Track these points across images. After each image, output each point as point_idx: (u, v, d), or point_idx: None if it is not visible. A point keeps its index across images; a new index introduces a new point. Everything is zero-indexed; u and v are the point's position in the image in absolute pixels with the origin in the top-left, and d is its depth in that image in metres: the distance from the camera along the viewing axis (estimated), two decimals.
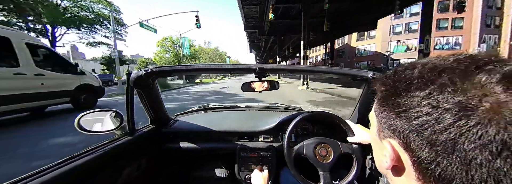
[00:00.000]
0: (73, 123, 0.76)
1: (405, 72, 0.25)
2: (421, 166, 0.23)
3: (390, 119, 0.26)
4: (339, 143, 0.91)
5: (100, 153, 0.75)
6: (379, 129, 0.29)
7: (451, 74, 0.21)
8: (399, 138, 0.25)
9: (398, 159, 0.26)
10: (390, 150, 0.26)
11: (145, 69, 0.85)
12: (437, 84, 0.21)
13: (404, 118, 0.23)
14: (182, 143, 1.14)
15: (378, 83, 0.29)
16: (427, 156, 0.21)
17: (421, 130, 0.21)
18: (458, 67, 0.21)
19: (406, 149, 0.24)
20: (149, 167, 1.08)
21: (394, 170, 0.28)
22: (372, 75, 0.87)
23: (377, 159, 0.33)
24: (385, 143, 0.27)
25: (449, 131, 0.19)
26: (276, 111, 1.54)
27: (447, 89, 0.20)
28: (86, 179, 0.70)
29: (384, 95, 0.27)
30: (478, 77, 0.19)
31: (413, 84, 0.23)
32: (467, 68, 0.21)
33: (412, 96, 0.23)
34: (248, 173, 1.07)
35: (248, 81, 1.00)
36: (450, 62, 0.22)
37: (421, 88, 0.22)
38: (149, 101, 1.03)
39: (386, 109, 0.26)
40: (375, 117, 0.31)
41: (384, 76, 0.29)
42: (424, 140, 0.21)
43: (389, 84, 0.27)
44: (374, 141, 0.33)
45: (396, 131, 0.25)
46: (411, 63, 0.27)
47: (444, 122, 0.19)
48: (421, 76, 0.23)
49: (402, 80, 0.25)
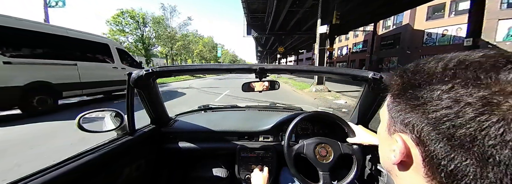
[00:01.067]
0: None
1: (429, 65, 0.25)
2: (432, 161, 0.22)
3: (405, 112, 0.25)
4: (339, 143, 0.91)
5: (101, 153, 0.76)
6: (389, 124, 0.29)
7: (477, 69, 0.20)
8: (411, 133, 0.24)
9: (408, 154, 0.25)
10: (401, 144, 0.26)
11: (145, 70, 0.86)
12: (461, 78, 0.21)
13: (420, 111, 0.23)
14: (182, 143, 1.15)
15: (395, 76, 0.29)
16: (442, 150, 0.21)
17: (438, 123, 0.21)
18: (486, 62, 0.21)
19: (419, 143, 0.24)
20: (149, 167, 1.08)
21: (401, 165, 0.27)
22: (372, 75, 0.87)
23: (383, 155, 0.32)
24: (395, 137, 0.27)
25: (469, 126, 0.18)
26: (276, 111, 1.54)
27: (472, 83, 0.20)
28: (86, 179, 0.70)
29: (401, 88, 0.27)
30: (505, 74, 0.19)
31: (436, 77, 0.23)
32: (494, 64, 0.20)
33: (432, 89, 0.22)
34: (248, 173, 1.07)
35: (248, 81, 1.00)
36: (478, 57, 0.22)
37: (443, 81, 0.22)
38: (150, 101, 1.04)
39: (402, 102, 0.26)
40: (386, 111, 0.30)
41: (402, 69, 0.28)
42: (441, 134, 0.21)
43: (408, 77, 0.26)
44: (381, 137, 0.33)
45: (410, 124, 0.24)
46: (436, 56, 0.26)
47: (464, 116, 0.19)
48: (445, 70, 0.22)
49: (424, 73, 0.24)
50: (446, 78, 0.22)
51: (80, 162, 0.68)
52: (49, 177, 0.59)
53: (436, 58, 0.25)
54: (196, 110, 1.57)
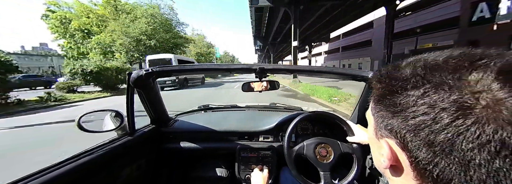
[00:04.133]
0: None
1: (401, 70, 0.25)
2: (419, 166, 0.22)
3: (387, 119, 0.25)
4: (339, 143, 0.91)
5: (101, 153, 0.76)
6: (375, 128, 0.29)
7: (443, 72, 0.20)
8: (396, 138, 0.24)
9: (396, 159, 0.25)
10: (388, 150, 0.25)
11: (145, 70, 0.86)
12: (431, 83, 0.21)
13: (400, 118, 0.23)
14: (182, 143, 1.15)
15: (375, 81, 0.28)
16: (425, 156, 0.21)
17: (418, 130, 0.21)
18: (451, 64, 0.21)
19: (404, 149, 0.24)
20: (149, 167, 1.08)
21: (392, 169, 0.27)
22: (373, 75, 0.87)
23: (375, 159, 0.32)
24: (382, 142, 0.27)
25: (446, 131, 0.19)
26: (276, 110, 1.54)
27: (442, 87, 0.20)
28: (86, 179, 0.70)
29: (380, 93, 0.26)
30: (473, 74, 0.19)
31: (409, 82, 0.22)
32: (460, 65, 0.20)
33: (408, 95, 0.22)
34: (248, 173, 1.07)
35: (248, 81, 1.00)
36: (442, 60, 0.22)
37: (416, 87, 0.22)
38: (149, 101, 1.04)
39: (383, 108, 0.26)
40: (371, 116, 0.30)
41: (380, 74, 0.28)
42: (422, 141, 0.21)
43: (385, 82, 0.26)
44: (371, 140, 0.32)
45: (393, 130, 0.24)
46: (408, 59, 0.26)
47: (441, 121, 0.19)
48: (415, 75, 0.22)
49: (398, 78, 0.24)
50: (418, 83, 0.22)
51: (80, 162, 0.68)
52: (49, 177, 0.59)
53: (407, 62, 0.25)
54: (196, 110, 1.57)
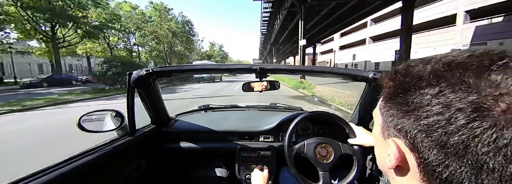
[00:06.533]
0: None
1: (418, 67, 0.24)
2: (427, 167, 0.22)
3: (397, 118, 0.24)
4: (340, 144, 0.91)
5: (101, 153, 0.76)
6: (383, 127, 0.28)
7: (464, 71, 0.19)
8: (405, 138, 0.23)
9: (403, 159, 0.25)
10: (395, 150, 0.25)
11: (146, 70, 0.86)
12: (449, 81, 0.20)
13: (412, 117, 0.22)
14: (183, 143, 1.15)
15: (387, 78, 0.28)
16: (435, 158, 0.20)
17: (430, 130, 0.20)
18: (472, 63, 0.20)
19: (413, 149, 0.23)
20: (150, 167, 1.08)
21: (397, 170, 0.27)
22: (373, 75, 0.87)
23: (380, 158, 0.32)
24: (390, 142, 0.26)
25: (461, 133, 0.18)
26: (277, 110, 1.54)
27: (460, 87, 0.19)
28: (87, 179, 0.70)
29: (392, 91, 0.26)
30: (493, 75, 0.18)
31: (424, 80, 0.22)
32: (480, 65, 0.19)
33: (422, 94, 0.21)
34: (248, 173, 1.07)
35: (248, 81, 1.00)
36: (464, 58, 0.21)
37: (432, 85, 0.21)
38: (150, 101, 1.04)
39: (393, 107, 0.25)
40: (379, 114, 0.29)
41: (393, 71, 0.27)
42: (433, 141, 0.20)
43: (398, 80, 0.25)
44: (377, 139, 0.32)
45: (403, 130, 0.23)
46: (426, 57, 0.25)
47: (456, 122, 0.18)
48: (433, 72, 0.21)
49: (413, 76, 0.23)
50: (434, 82, 0.21)
51: (80, 162, 0.68)
52: (49, 177, 0.59)
53: (424, 60, 0.24)
54: (197, 110, 1.57)
